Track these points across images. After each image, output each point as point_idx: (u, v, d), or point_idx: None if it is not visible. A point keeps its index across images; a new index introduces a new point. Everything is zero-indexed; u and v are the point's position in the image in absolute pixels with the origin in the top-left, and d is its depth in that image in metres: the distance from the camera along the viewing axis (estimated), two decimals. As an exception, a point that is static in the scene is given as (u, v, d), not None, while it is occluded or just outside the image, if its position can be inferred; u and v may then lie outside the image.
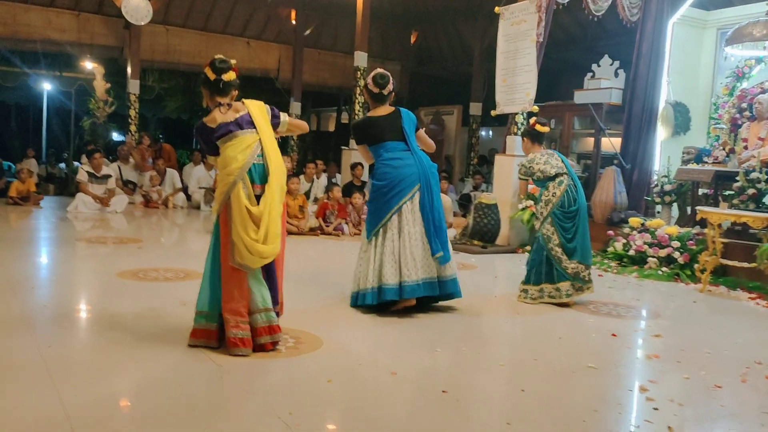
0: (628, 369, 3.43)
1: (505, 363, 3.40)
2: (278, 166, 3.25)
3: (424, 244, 4.16)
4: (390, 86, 4.32)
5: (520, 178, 4.96)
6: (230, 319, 3.15)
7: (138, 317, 3.79)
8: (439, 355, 3.39)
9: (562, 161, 4.79)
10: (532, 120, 4.97)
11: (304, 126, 3.80)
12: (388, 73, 4.39)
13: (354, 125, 4.61)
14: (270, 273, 3.32)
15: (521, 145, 5.12)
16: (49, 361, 2.92)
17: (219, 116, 3.26)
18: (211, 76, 3.26)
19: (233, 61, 3.33)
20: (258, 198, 3.20)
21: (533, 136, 4.93)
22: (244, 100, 3.36)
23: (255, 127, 3.25)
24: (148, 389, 2.71)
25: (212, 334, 3.23)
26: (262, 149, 3.23)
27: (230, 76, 3.28)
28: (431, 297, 4.27)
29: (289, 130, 3.58)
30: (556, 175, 4.70)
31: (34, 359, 2.94)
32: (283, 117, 3.48)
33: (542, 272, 4.69)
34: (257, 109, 3.33)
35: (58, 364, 2.90)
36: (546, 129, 4.93)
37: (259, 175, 3.23)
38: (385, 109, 4.35)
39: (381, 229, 4.17)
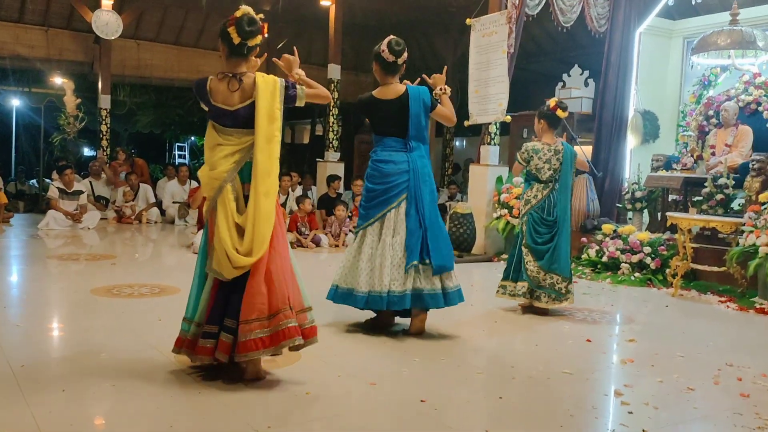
0: (604, 374, 3.48)
1: (483, 371, 3.43)
2: (268, 168, 2.92)
3: (402, 256, 3.86)
4: (405, 55, 3.93)
5: (518, 162, 4.83)
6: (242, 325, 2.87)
7: (113, 334, 3.74)
8: (417, 364, 3.41)
9: (562, 161, 4.66)
10: (552, 102, 4.76)
11: (325, 95, 3.24)
12: (403, 41, 3.98)
13: (359, 104, 4.16)
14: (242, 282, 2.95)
15: (535, 126, 4.86)
16: (23, 382, 2.87)
17: (223, 91, 2.94)
18: (236, 39, 2.90)
19: (261, 16, 2.97)
20: (247, 198, 2.94)
21: (550, 120, 4.77)
22: (258, 76, 2.96)
23: (253, 126, 2.92)
24: (123, 407, 2.68)
25: (192, 344, 3.01)
26: (255, 149, 2.91)
27: (257, 40, 2.94)
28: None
29: (309, 101, 3.15)
30: (546, 181, 4.70)
31: (7, 380, 2.89)
32: (300, 90, 3.08)
33: (514, 268, 4.76)
34: (266, 98, 2.93)
35: (31, 384, 2.86)
36: (565, 114, 4.77)
37: (249, 174, 2.94)
38: (394, 90, 3.95)
39: (362, 231, 3.96)
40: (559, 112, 4.73)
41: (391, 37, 3.96)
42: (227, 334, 2.90)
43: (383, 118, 3.97)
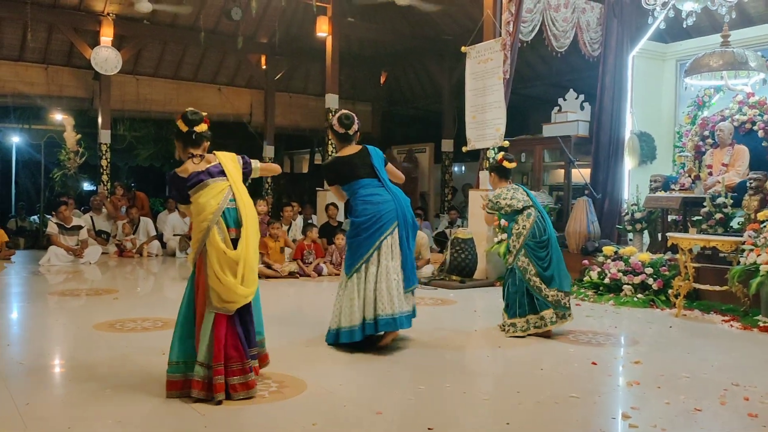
0: (610, 397, 3.46)
1: (489, 397, 3.42)
2: (251, 210, 3.31)
3: (400, 279, 4.18)
4: (355, 126, 4.38)
5: (487, 212, 5.06)
6: (222, 366, 3.14)
7: (117, 369, 3.73)
8: (423, 391, 3.40)
9: (527, 194, 4.89)
10: (500, 156, 5.05)
11: (276, 168, 3.98)
12: (353, 114, 4.44)
13: (325, 166, 4.66)
14: (246, 315, 3.32)
15: (488, 179, 5.21)
16: (28, 420, 2.86)
17: (191, 167, 3.31)
18: (183, 128, 3.33)
19: (204, 113, 3.41)
20: (234, 242, 3.22)
21: (500, 172, 5.02)
22: (215, 152, 3.43)
23: (226, 176, 3.31)
24: (130, 442, 2.66)
25: (188, 383, 3.18)
26: (233, 195, 3.28)
27: (202, 127, 3.35)
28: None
29: (263, 174, 3.68)
30: (524, 209, 4.80)
31: (13, 418, 2.88)
32: (255, 164, 3.55)
33: (525, 304, 4.70)
34: (228, 160, 3.39)
35: (37, 422, 2.85)
36: (513, 165, 5.03)
37: (234, 220, 3.26)
38: (352, 148, 4.40)
39: (363, 266, 4.17)
40: (506, 163, 5.01)
41: (342, 111, 4.46)
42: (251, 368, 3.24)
43: (352, 167, 4.34)
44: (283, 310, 5.67)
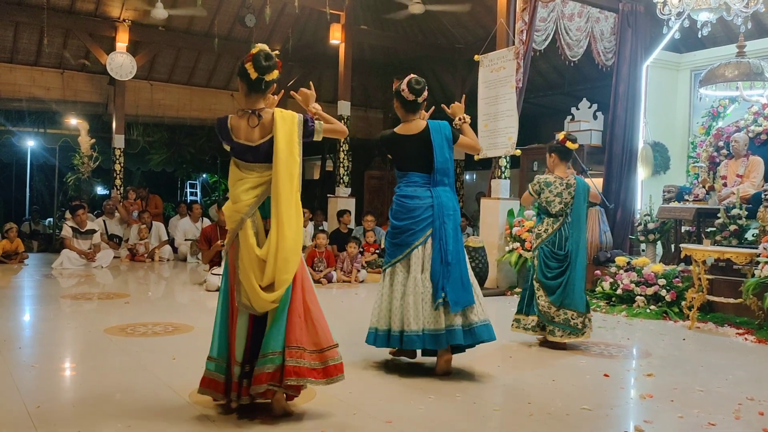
0: (623, 409, 3.43)
1: (500, 407, 3.39)
2: (287, 200, 2.95)
3: (429, 293, 3.83)
4: (425, 93, 3.97)
5: (529, 192, 4.85)
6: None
7: (127, 374, 3.74)
8: (433, 401, 3.38)
9: (574, 194, 4.66)
10: (561, 135, 4.80)
11: (342, 129, 3.32)
12: (423, 79, 4.02)
13: (381, 138, 4.22)
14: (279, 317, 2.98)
15: (547, 161, 4.90)
16: (38, 423, 2.87)
17: (244, 129, 3.02)
18: (253, 74, 2.98)
19: (276, 52, 3.06)
20: (267, 233, 2.97)
21: (561, 153, 4.79)
22: (276, 112, 3.04)
23: (271, 161, 2.97)
24: (140, 448, 2.66)
25: (219, 386, 3.00)
26: (275, 183, 2.96)
27: (273, 74, 3.02)
28: (459, 345, 3.89)
29: (326, 135, 3.22)
30: (556, 215, 4.71)
31: (24, 421, 2.89)
32: (318, 125, 3.16)
33: (526, 302, 4.79)
34: (286, 131, 3.00)
35: (47, 425, 2.85)
36: (575, 146, 4.78)
37: (269, 210, 2.98)
38: (415, 126, 3.98)
39: (390, 269, 3.92)
40: (569, 144, 4.75)
41: (412, 75, 3.99)
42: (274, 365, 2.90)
43: (406, 154, 3.99)
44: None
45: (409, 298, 3.81)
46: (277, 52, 3.07)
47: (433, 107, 4.18)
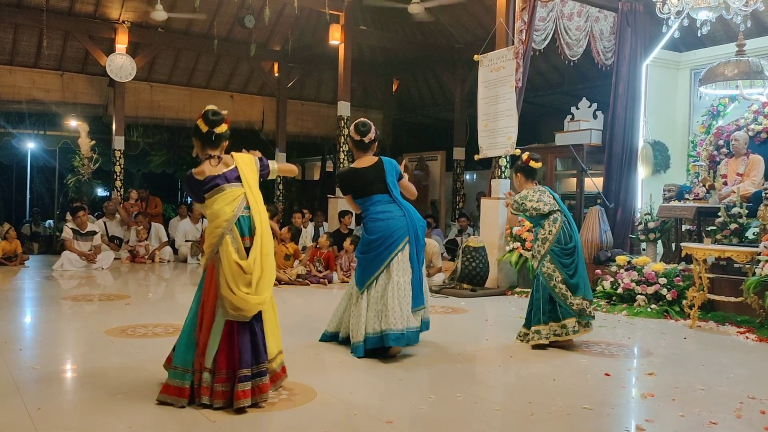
0: (624, 409, 3.42)
1: (500, 407, 3.39)
2: (265, 218, 3.29)
3: (410, 295, 4.21)
4: (372, 134, 4.40)
5: (512, 212, 4.91)
6: (221, 373, 3.12)
7: (128, 375, 3.74)
8: (434, 401, 3.37)
9: (554, 198, 4.78)
10: (525, 156, 4.91)
11: (293, 169, 3.96)
12: (370, 122, 4.46)
13: (339, 175, 4.73)
14: (256, 326, 3.25)
15: (513, 181, 5.04)
16: (39, 425, 2.87)
17: (208, 169, 3.28)
18: (204, 128, 3.29)
19: (225, 112, 3.37)
20: (248, 250, 3.20)
21: (526, 172, 4.90)
22: (233, 153, 3.39)
23: (241, 182, 3.29)
24: (141, 449, 2.66)
25: (184, 391, 3.16)
26: (248, 202, 3.25)
27: (222, 128, 3.31)
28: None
29: (280, 174, 3.70)
30: (550, 213, 4.69)
31: (24, 423, 2.89)
32: (272, 165, 3.52)
33: (546, 311, 4.62)
34: (245, 164, 3.36)
35: (48, 427, 2.85)
36: (539, 165, 4.90)
37: (248, 227, 3.23)
38: (368, 159, 4.42)
39: (374, 282, 4.22)
40: (532, 163, 4.89)
41: (360, 119, 4.49)
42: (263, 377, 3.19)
43: (366, 181, 4.38)
44: (292, 317, 5.67)
45: (394, 300, 4.13)
46: (225, 112, 3.37)
47: (376, 143, 4.53)
